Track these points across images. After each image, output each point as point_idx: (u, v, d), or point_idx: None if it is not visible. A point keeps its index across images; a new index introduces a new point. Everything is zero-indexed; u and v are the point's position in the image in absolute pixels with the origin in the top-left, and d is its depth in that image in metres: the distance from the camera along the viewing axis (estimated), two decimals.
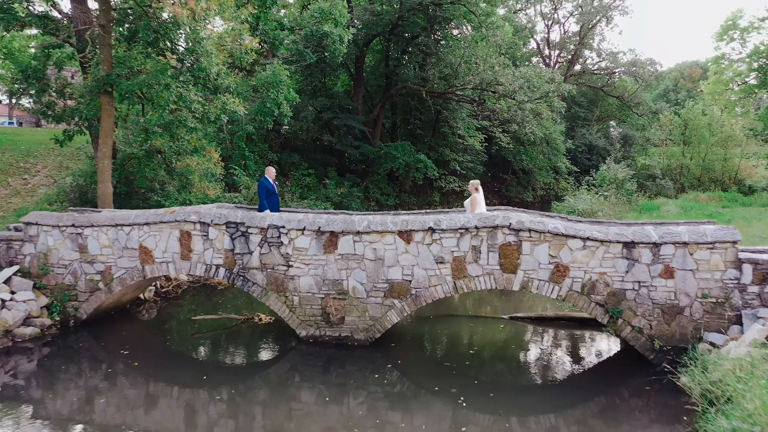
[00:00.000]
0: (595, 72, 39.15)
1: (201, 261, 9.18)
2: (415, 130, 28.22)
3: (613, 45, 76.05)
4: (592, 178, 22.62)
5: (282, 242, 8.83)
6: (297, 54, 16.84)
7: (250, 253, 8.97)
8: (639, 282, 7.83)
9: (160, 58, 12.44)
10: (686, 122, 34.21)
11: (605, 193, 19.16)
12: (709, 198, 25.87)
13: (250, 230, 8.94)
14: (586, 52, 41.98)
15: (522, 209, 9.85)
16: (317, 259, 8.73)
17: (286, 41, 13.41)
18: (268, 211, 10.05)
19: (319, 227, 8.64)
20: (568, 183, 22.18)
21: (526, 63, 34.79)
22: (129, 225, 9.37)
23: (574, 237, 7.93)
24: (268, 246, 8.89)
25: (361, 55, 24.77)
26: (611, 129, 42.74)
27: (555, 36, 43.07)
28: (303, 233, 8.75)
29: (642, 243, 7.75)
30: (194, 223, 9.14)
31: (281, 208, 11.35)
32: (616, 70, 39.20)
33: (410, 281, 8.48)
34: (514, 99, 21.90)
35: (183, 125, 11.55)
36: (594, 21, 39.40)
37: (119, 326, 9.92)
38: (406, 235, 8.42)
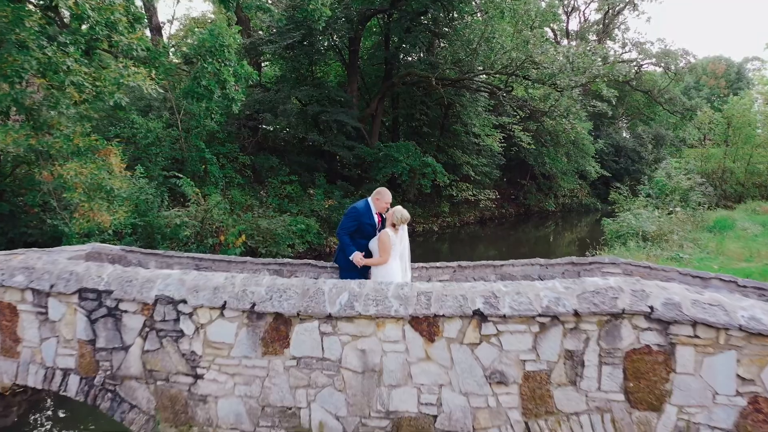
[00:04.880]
0: (620, 63, 34.67)
1: (36, 360, 4.90)
2: (421, 128, 23.83)
3: (639, 34, 69.24)
4: (645, 187, 18.33)
5: (182, 331, 4.55)
6: (267, 17, 12.57)
7: (125, 348, 4.68)
8: None
9: (50, 13, 8.21)
10: (729, 120, 29.93)
11: (673, 208, 14.85)
12: None
13: (123, 306, 4.65)
14: (609, 43, 37.62)
15: (662, 268, 5.30)
16: (250, 366, 4.46)
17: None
18: (356, 255, 5.24)
19: (253, 304, 4.36)
20: (621, 194, 17.95)
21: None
22: None
23: None
24: (157, 337, 4.60)
25: (356, 36, 20.46)
26: (627, 128, 38.46)
27: (574, 25, 38.82)
28: (222, 314, 4.47)
29: None
30: (21, 290, 4.84)
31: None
32: (644, 62, 34.79)
33: (435, 417, 4.21)
34: (554, 84, 17.45)
35: (54, 109, 7.27)
36: (619, 7, 35.10)
37: None
38: (426, 324, 4.15)
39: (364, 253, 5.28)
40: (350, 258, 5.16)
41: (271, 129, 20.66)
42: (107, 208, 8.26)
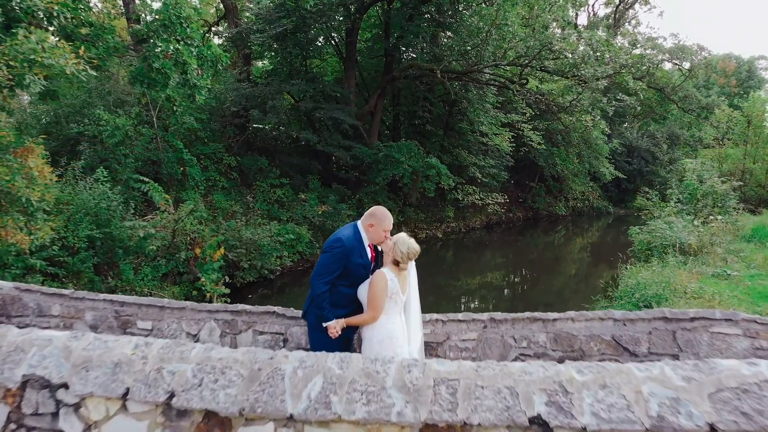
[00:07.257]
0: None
1: None
2: (423, 127, 22.21)
3: (651, 29, 66.13)
4: (674, 191, 16.71)
5: (63, 431, 2.90)
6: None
7: None
8: None
9: None
10: (749, 118, 28.38)
11: (713, 216, 13.21)
12: None
13: None
14: (619, 38, 36.00)
15: None
16: None
17: None
18: (335, 325, 3.38)
19: (171, 395, 2.72)
20: (650, 200, 16.40)
21: None
22: None
23: None
24: None
25: (354, 27, 18.88)
26: (638, 127, 36.82)
27: (582, 20, 37.21)
28: (125, 408, 2.83)
29: None
30: None
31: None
32: (658, 58, 33.09)
33: None
34: (576, 76, 15.78)
35: None
36: (630, 0, 33.49)
37: None
38: None
39: (346, 312, 3.44)
40: (324, 325, 3.43)
41: (261, 127, 19.07)
42: (25, 224, 6.61)
